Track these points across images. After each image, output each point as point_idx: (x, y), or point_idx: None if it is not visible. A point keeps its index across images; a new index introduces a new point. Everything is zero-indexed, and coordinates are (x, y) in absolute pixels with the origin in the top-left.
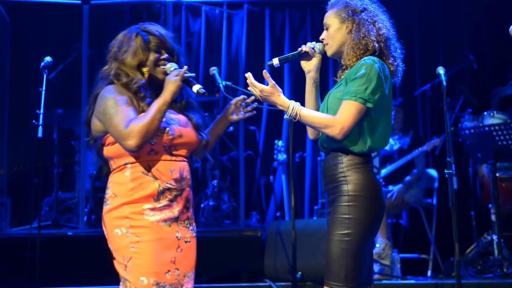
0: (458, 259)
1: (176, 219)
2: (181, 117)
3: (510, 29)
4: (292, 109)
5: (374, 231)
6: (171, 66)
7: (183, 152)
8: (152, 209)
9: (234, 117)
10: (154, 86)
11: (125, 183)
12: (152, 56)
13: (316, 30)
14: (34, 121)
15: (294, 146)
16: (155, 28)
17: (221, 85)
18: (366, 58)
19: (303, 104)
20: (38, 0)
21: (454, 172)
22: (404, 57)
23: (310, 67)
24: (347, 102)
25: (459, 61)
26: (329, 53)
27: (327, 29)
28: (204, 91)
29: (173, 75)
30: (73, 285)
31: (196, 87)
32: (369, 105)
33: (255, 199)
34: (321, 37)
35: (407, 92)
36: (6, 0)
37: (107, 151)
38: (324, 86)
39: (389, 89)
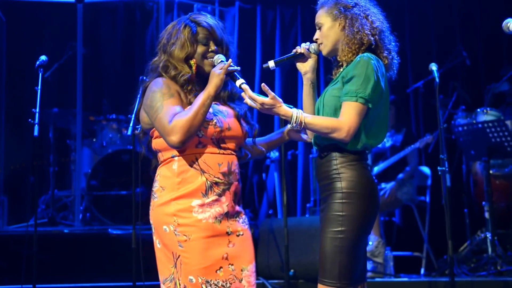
0: (451, 257)
1: (226, 215)
2: (229, 109)
3: (503, 24)
4: (296, 118)
5: (368, 229)
6: (218, 58)
7: (231, 145)
8: (201, 205)
9: (296, 135)
10: (202, 79)
11: (172, 177)
12: (200, 49)
13: (306, 27)
14: (30, 119)
15: (286, 144)
16: (204, 18)
17: None
18: (362, 55)
19: (300, 106)
20: None
21: (447, 169)
22: (396, 54)
23: (306, 68)
24: (349, 103)
25: (452, 58)
26: (324, 52)
27: (319, 28)
28: (247, 86)
29: (218, 68)
30: (70, 282)
31: (239, 82)
32: (370, 105)
33: (247, 197)
34: (314, 37)
35: (399, 89)
36: (1, 0)
37: (155, 143)
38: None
39: (386, 85)
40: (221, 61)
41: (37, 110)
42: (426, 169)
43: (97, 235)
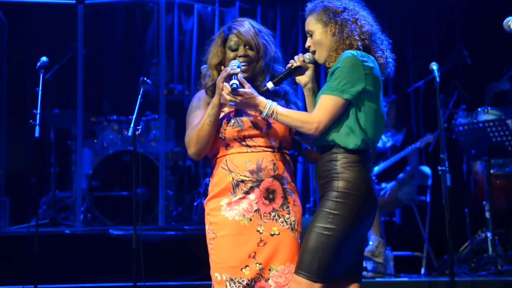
0: (451, 257)
1: (257, 212)
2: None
3: (503, 23)
4: (269, 108)
5: (357, 231)
6: (233, 64)
7: (261, 142)
8: (229, 204)
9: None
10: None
11: (212, 179)
12: (230, 54)
13: None
14: (31, 120)
15: None
16: (238, 24)
17: None
18: (344, 52)
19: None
20: (33, 0)
21: (447, 169)
22: (396, 53)
23: (306, 79)
24: (322, 97)
25: (453, 57)
26: (321, 61)
27: (311, 35)
28: (235, 87)
29: (220, 75)
30: (71, 283)
31: (231, 82)
32: (346, 96)
33: None
34: (307, 45)
35: (400, 89)
36: (2, 1)
37: None
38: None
39: (376, 79)
40: (231, 68)
41: (38, 111)
42: (426, 169)
43: (98, 236)
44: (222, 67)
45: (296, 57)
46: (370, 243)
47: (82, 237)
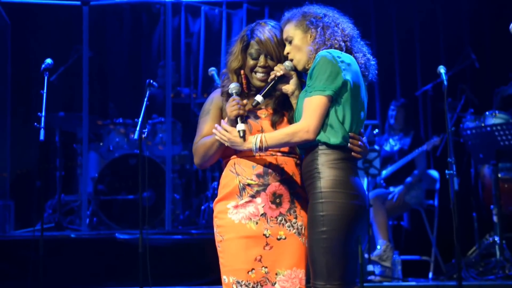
0: (459, 261)
1: (263, 216)
2: (269, 112)
3: (510, 27)
4: (255, 142)
5: (352, 227)
6: (234, 87)
7: None
8: (235, 207)
9: None
10: (255, 89)
11: (220, 181)
12: (250, 62)
13: None
14: (36, 123)
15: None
16: (262, 30)
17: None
18: (319, 53)
19: None
20: (38, 1)
21: (455, 173)
22: (405, 56)
23: (292, 87)
24: (307, 99)
25: (461, 60)
26: (300, 67)
27: (290, 42)
28: (242, 135)
29: (229, 105)
30: (76, 287)
31: (239, 127)
32: (328, 92)
33: None
34: (285, 52)
35: (408, 92)
36: (7, 2)
37: None
38: None
39: (354, 75)
40: (236, 92)
41: (43, 114)
42: (434, 173)
43: (104, 240)
44: (242, 71)
45: (276, 67)
46: (378, 247)
47: (88, 241)
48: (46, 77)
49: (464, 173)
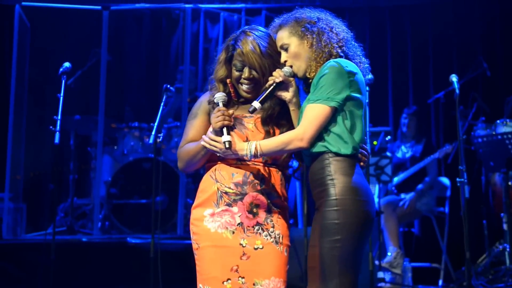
0: (469, 269)
1: (240, 225)
2: (258, 122)
3: None
4: (249, 148)
5: (366, 236)
6: (219, 97)
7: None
8: (212, 215)
9: None
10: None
11: (200, 185)
12: (234, 74)
13: None
14: (51, 126)
15: None
16: (246, 41)
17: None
18: (328, 61)
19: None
20: (58, 5)
21: (466, 180)
22: (417, 64)
23: (291, 93)
24: (308, 107)
25: (473, 69)
26: (300, 74)
27: (286, 50)
28: (228, 146)
29: (214, 117)
30: None
31: (224, 138)
32: (333, 104)
33: None
34: (282, 60)
35: (420, 100)
36: (27, 5)
37: None
38: None
39: (361, 85)
40: (222, 102)
41: (59, 117)
42: (445, 180)
43: (116, 244)
44: (228, 80)
45: (274, 73)
46: (389, 254)
47: (99, 245)
48: (63, 81)
49: (475, 180)
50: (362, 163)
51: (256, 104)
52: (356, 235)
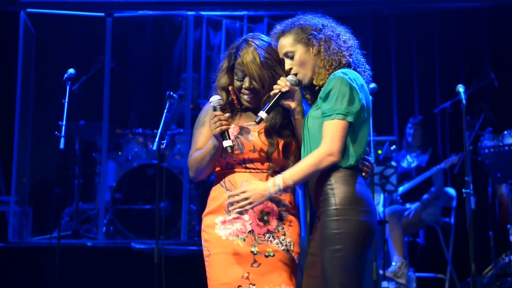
0: (475, 280)
1: (251, 233)
2: (262, 132)
3: None
4: (277, 184)
5: (367, 246)
6: (215, 101)
7: (261, 165)
8: (223, 222)
9: None
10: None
11: (211, 193)
12: (236, 83)
13: None
14: (56, 132)
15: None
16: (246, 50)
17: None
18: (335, 72)
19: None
20: (63, 12)
21: (472, 191)
22: (424, 74)
23: (296, 102)
24: (328, 122)
25: (480, 79)
26: (306, 81)
27: (291, 57)
28: (230, 151)
29: (213, 122)
30: None
31: (226, 143)
32: (350, 118)
33: None
34: (287, 67)
35: (426, 109)
36: (32, 12)
37: None
38: None
39: (367, 96)
40: (218, 106)
41: (64, 123)
42: (451, 190)
43: (120, 249)
44: (230, 87)
45: (280, 82)
46: (393, 263)
47: (103, 250)
48: (68, 87)
49: (481, 191)
50: (364, 173)
51: (262, 114)
52: (357, 244)
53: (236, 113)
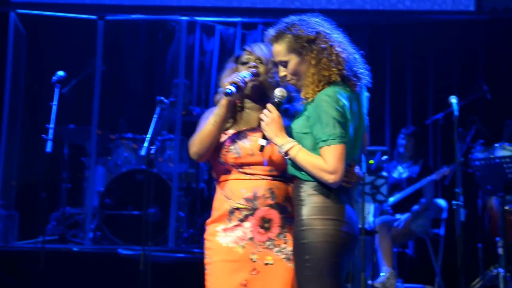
0: None
1: (251, 240)
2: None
3: None
4: (291, 144)
5: (339, 255)
6: (243, 74)
7: (260, 170)
8: (225, 230)
9: None
10: (253, 98)
11: (213, 203)
12: (241, 68)
13: None
14: (43, 135)
15: None
16: (254, 44)
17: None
18: (322, 92)
19: None
20: (54, 14)
21: (462, 203)
22: (417, 85)
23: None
24: (325, 148)
25: (473, 91)
26: (299, 88)
27: (284, 65)
28: (229, 92)
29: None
30: None
31: (260, 142)
32: (345, 140)
33: None
34: (281, 74)
35: (418, 120)
36: (23, 13)
37: None
38: None
39: (351, 112)
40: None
41: (52, 126)
42: (442, 202)
43: (106, 255)
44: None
45: (265, 111)
46: (382, 274)
47: (89, 256)
48: (57, 89)
49: (471, 203)
50: (346, 184)
51: (262, 141)
52: (326, 255)
53: (235, 117)
